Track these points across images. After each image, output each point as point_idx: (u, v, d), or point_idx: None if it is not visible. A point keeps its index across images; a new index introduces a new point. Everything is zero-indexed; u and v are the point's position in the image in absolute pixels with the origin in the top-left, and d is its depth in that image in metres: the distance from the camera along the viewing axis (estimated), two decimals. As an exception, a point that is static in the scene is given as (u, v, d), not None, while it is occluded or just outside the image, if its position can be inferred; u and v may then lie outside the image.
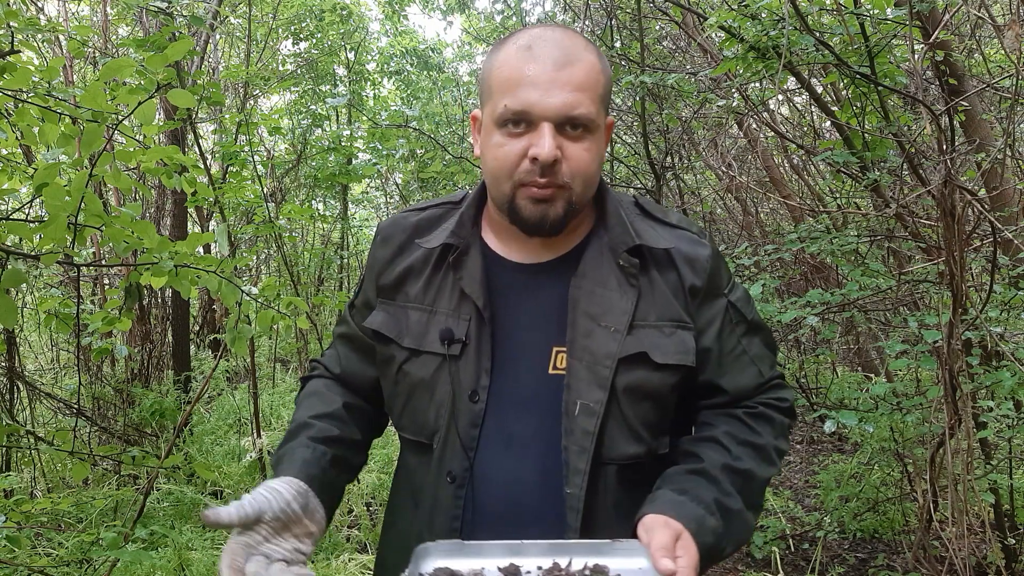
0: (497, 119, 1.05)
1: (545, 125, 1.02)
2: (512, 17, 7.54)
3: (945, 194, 2.22)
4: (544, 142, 1.01)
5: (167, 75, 2.03)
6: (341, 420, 1.22)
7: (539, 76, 1.02)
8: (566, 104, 1.01)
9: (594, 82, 1.04)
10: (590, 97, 1.03)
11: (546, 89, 1.01)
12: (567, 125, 1.03)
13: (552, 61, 1.02)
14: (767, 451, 1.14)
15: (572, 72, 1.02)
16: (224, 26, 7.02)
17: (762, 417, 1.17)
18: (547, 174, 1.03)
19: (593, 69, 1.05)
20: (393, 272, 1.20)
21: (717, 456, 1.10)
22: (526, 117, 1.02)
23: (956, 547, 2.34)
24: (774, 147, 5.09)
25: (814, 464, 4.67)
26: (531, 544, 0.96)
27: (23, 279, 1.93)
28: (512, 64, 1.04)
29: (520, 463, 1.11)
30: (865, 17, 2.77)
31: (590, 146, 1.05)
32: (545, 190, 1.05)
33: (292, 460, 1.11)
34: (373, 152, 5.79)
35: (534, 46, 1.03)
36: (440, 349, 1.13)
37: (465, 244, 1.15)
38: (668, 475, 1.09)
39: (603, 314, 1.10)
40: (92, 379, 4.91)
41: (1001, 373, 2.27)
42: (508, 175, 1.06)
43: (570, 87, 1.02)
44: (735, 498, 1.06)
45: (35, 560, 2.79)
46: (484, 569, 0.94)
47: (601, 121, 1.07)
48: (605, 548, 0.95)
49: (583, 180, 1.06)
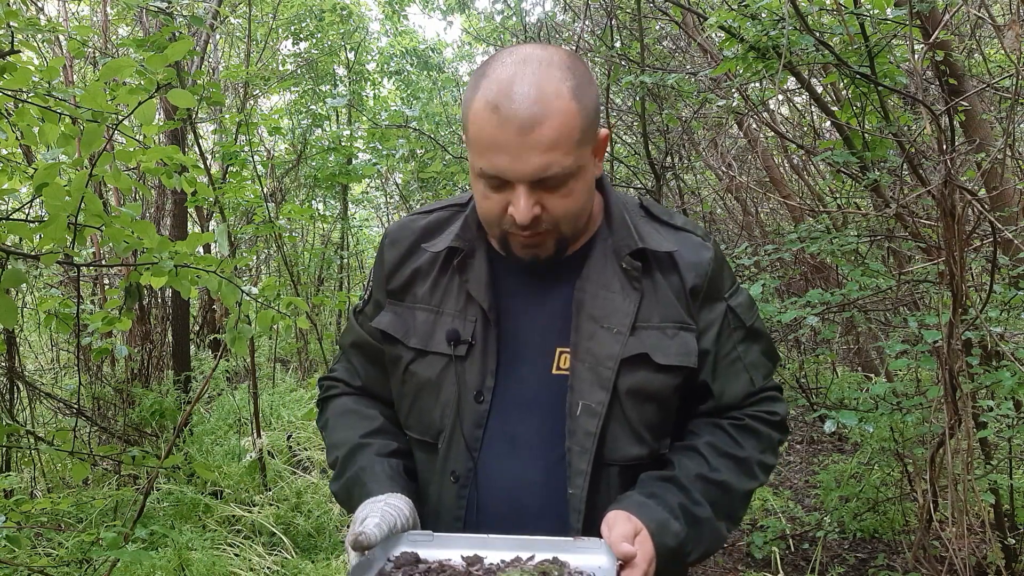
0: (476, 174, 1.06)
1: (520, 187, 1.02)
2: (512, 17, 7.53)
3: (945, 194, 2.22)
4: (520, 205, 1.02)
5: (167, 75, 2.03)
6: (391, 433, 1.22)
7: (508, 142, 0.99)
8: (537, 169, 1.00)
9: (568, 133, 0.99)
10: (563, 151, 1.00)
11: (516, 156, 0.99)
12: (545, 181, 1.02)
13: (518, 126, 0.97)
14: (748, 464, 1.15)
15: (540, 134, 0.98)
16: (224, 26, 7.01)
17: (747, 430, 1.17)
18: (528, 229, 1.05)
19: (566, 119, 0.99)
20: (402, 275, 1.20)
21: (693, 465, 1.11)
22: (501, 180, 1.03)
23: (956, 547, 2.34)
24: (774, 147, 5.08)
25: (814, 464, 4.67)
26: (497, 538, 1.00)
27: (23, 279, 1.93)
28: (482, 125, 1.00)
29: (523, 463, 1.12)
30: (865, 17, 2.77)
31: (571, 189, 1.04)
32: (531, 239, 1.07)
33: (378, 478, 1.11)
34: (373, 152, 5.79)
35: (501, 106, 0.98)
36: (446, 350, 1.14)
37: (470, 247, 1.16)
38: (640, 480, 1.11)
39: (606, 316, 1.11)
40: (92, 379, 4.91)
41: (1001, 373, 2.26)
42: (496, 224, 1.08)
43: (540, 149, 0.99)
44: (703, 507, 1.08)
45: (35, 560, 2.78)
46: (450, 560, 0.98)
47: (584, 159, 1.04)
48: (568, 545, 0.98)
49: (569, 221, 1.07)
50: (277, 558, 3.34)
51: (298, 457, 4.73)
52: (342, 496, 1.16)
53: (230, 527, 3.62)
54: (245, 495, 3.98)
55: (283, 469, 4.29)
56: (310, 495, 3.96)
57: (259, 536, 3.57)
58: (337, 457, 1.20)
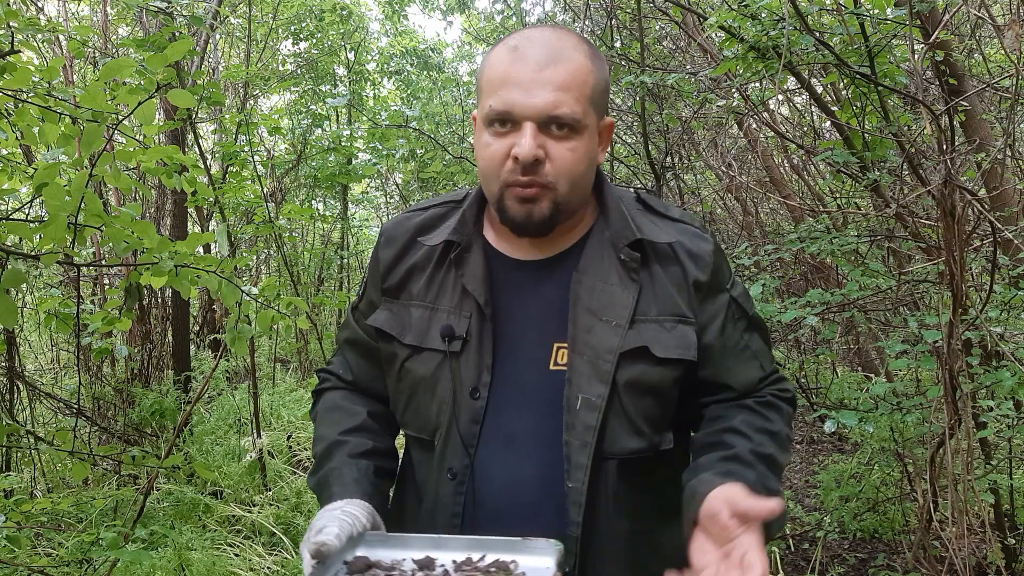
0: (484, 119, 1.06)
1: (527, 125, 1.02)
2: (512, 17, 7.54)
3: (945, 194, 2.22)
4: (524, 141, 1.02)
5: (167, 75, 2.03)
6: (371, 431, 1.21)
7: (522, 76, 1.02)
8: (547, 104, 1.01)
9: (580, 82, 1.04)
10: (574, 96, 1.03)
11: (528, 89, 1.01)
12: (551, 124, 1.03)
13: (535, 61, 1.02)
14: (782, 438, 1.15)
15: (555, 71, 1.02)
16: (224, 26, 7.02)
17: (772, 406, 1.18)
18: (528, 173, 1.03)
19: (581, 69, 1.04)
20: (398, 273, 1.20)
21: (743, 443, 1.09)
22: (509, 117, 1.03)
23: (956, 547, 2.34)
24: (774, 147, 5.08)
25: (814, 464, 4.66)
26: (451, 539, 1.01)
27: (23, 279, 1.93)
28: (499, 65, 1.05)
29: (520, 459, 1.12)
30: (865, 17, 2.77)
31: (576, 146, 1.05)
32: (528, 189, 1.05)
33: (343, 481, 1.11)
34: (373, 152, 5.79)
35: (520, 46, 1.04)
36: (441, 346, 1.13)
37: (467, 241, 1.16)
38: (703, 463, 1.07)
39: (604, 309, 1.10)
40: (92, 379, 4.91)
41: (1001, 373, 2.26)
42: (495, 175, 1.06)
43: (552, 86, 1.01)
44: (772, 479, 1.06)
45: (35, 560, 2.79)
46: (404, 560, 0.99)
47: (590, 121, 1.06)
48: (519, 545, 0.98)
49: (568, 180, 1.06)
50: (277, 558, 3.34)
51: (298, 457, 4.74)
52: (315, 492, 1.17)
53: (230, 527, 3.62)
54: (245, 495, 3.98)
55: (283, 469, 4.29)
56: (310, 495, 3.96)
57: (259, 536, 3.57)
58: (317, 451, 1.21)
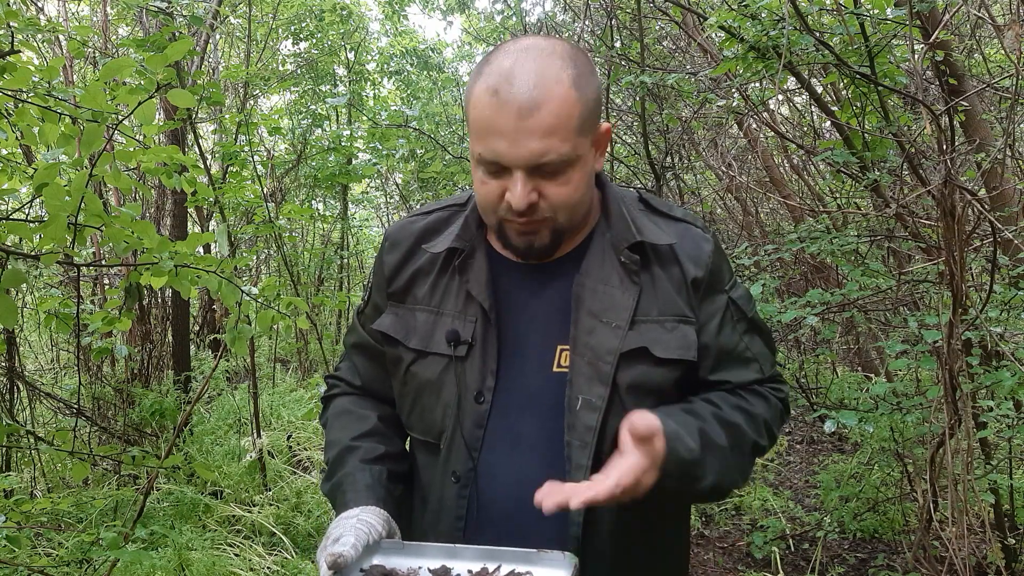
0: (475, 160, 1.06)
1: (517, 172, 1.02)
2: (512, 17, 7.54)
3: (945, 194, 2.22)
4: (516, 191, 1.02)
5: (167, 75, 2.03)
6: (382, 435, 1.22)
7: (506, 126, 0.99)
8: (534, 154, 1.00)
9: (566, 119, 1.00)
10: (561, 137, 1.00)
11: (513, 140, 1.00)
12: (542, 168, 1.02)
13: (517, 110, 0.98)
14: (757, 420, 1.16)
15: (539, 119, 0.99)
16: (224, 26, 7.02)
17: (758, 394, 1.19)
18: (525, 215, 1.05)
19: (565, 105, 1.00)
20: (403, 278, 1.21)
21: (707, 407, 1.12)
22: (498, 165, 1.03)
23: (956, 547, 2.33)
24: (774, 147, 5.08)
25: (814, 464, 4.67)
26: (467, 548, 1.02)
27: (23, 279, 1.93)
28: (481, 109, 1.02)
29: (524, 462, 1.12)
30: (865, 17, 2.77)
31: (569, 178, 1.04)
32: (528, 226, 1.07)
33: (356, 488, 1.12)
34: (373, 152, 5.79)
35: (500, 91, 0.99)
36: (446, 350, 1.14)
37: (470, 247, 1.16)
38: (658, 410, 1.09)
39: (605, 311, 1.11)
40: (92, 379, 4.91)
41: (1001, 373, 2.26)
42: (492, 211, 1.08)
43: (538, 135, 0.99)
44: (721, 437, 1.08)
45: (35, 560, 2.78)
46: (420, 569, 1.00)
47: (582, 149, 1.04)
48: (533, 556, 1.00)
49: (567, 210, 1.07)
50: (277, 558, 3.34)
51: (298, 457, 4.73)
52: (329, 498, 1.18)
53: (230, 527, 3.62)
54: (245, 495, 3.98)
55: (283, 469, 4.29)
56: (310, 495, 3.96)
57: (259, 536, 3.57)
58: (329, 458, 1.21)
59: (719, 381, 1.16)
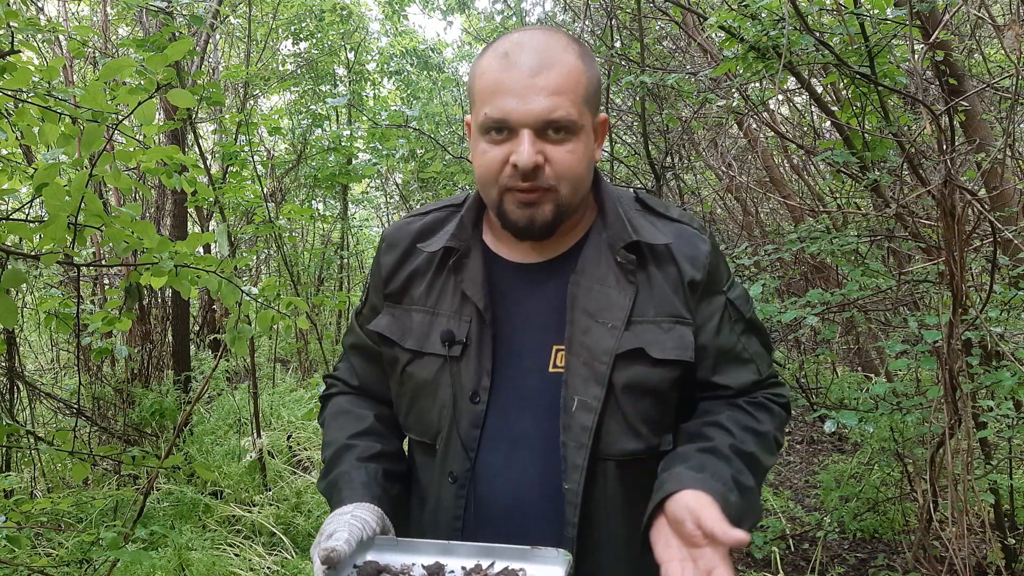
0: (480, 127, 1.06)
1: (524, 132, 1.02)
2: (512, 17, 7.54)
3: (945, 194, 2.22)
4: (523, 149, 1.02)
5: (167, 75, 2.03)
6: (379, 435, 1.22)
7: (516, 83, 1.02)
8: (544, 109, 1.01)
9: (574, 84, 1.03)
10: (569, 99, 1.03)
11: (523, 96, 1.01)
12: (548, 129, 1.03)
13: (528, 67, 1.02)
14: (768, 439, 1.15)
15: (549, 77, 1.02)
16: (224, 26, 7.02)
17: (763, 407, 1.18)
18: (529, 179, 1.04)
19: (573, 71, 1.04)
20: (399, 278, 1.21)
21: (724, 437, 1.10)
22: (506, 124, 1.03)
23: (956, 547, 2.33)
24: (774, 147, 5.08)
25: (814, 464, 4.67)
26: (461, 545, 1.02)
27: (23, 279, 1.93)
28: (491, 72, 1.04)
29: (521, 462, 1.12)
30: (865, 17, 2.77)
31: (574, 147, 1.05)
32: (530, 194, 1.05)
33: (352, 485, 1.12)
34: (373, 152, 5.79)
35: (511, 53, 1.03)
36: (441, 351, 1.14)
37: (466, 247, 1.16)
38: (679, 454, 1.08)
39: (601, 311, 1.11)
40: (92, 379, 4.91)
41: (1001, 373, 2.26)
42: (493, 181, 1.07)
43: (547, 92, 1.01)
44: (748, 476, 1.07)
45: (35, 560, 2.79)
46: (413, 565, 1.00)
47: (586, 121, 1.06)
48: (528, 554, 1.00)
49: (570, 182, 1.06)
50: (277, 558, 3.34)
51: (298, 457, 4.74)
52: (325, 495, 1.18)
53: (230, 527, 3.62)
54: (245, 495, 3.98)
55: (283, 469, 4.29)
56: (310, 495, 3.96)
57: (259, 536, 3.57)
58: (326, 456, 1.22)
59: (718, 382, 1.16)
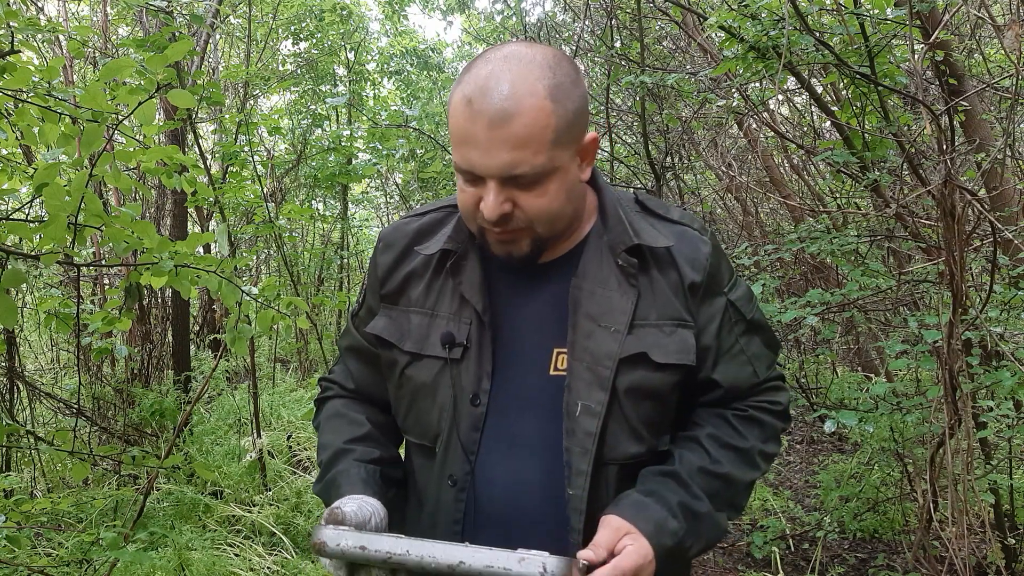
0: (455, 166, 1.06)
1: (491, 182, 1.01)
2: (512, 17, 7.53)
3: (945, 194, 2.22)
4: (488, 200, 1.02)
5: (167, 75, 2.03)
6: (375, 440, 1.22)
7: (478, 136, 0.99)
8: (505, 164, 0.99)
9: (540, 131, 0.98)
10: (533, 150, 0.99)
11: (485, 150, 0.99)
12: (515, 179, 1.02)
13: (488, 120, 0.97)
14: (750, 455, 1.15)
15: (510, 130, 0.97)
16: (224, 26, 7.02)
17: (751, 420, 1.18)
18: (499, 225, 1.04)
19: (539, 117, 0.98)
20: (396, 279, 1.20)
21: (695, 458, 1.11)
22: (473, 175, 1.03)
23: (956, 547, 2.33)
24: (774, 147, 5.08)
25: (814, 464, 4.67)
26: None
27: (23, 279, 1.93)
28: (456, 118, 1.02)
29: (521, 465, 1.12)
30: (865, 17, 2.77)
31: (545, 190, 1.03)
32: (504, 235, 1.06)
33: (351, 481, 1.12)
34: (373, 152, 5.79)
35: (474, 100, 0.98)
36: (441, 353, 1.13)
37: (463, 249, 1.15)
38: (641, 475, 1.11)
39: (603, 314, 1.10)
40: (92, 379, 4.91)
41: (1001, 373, 2.26)
42: (471, 218, 1.08)
43: (508, 146, 0.98)
44: (702, 502, 1.08)
45: (35, 560, 2.79)
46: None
47: (561, 160, 1.02)
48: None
49: (544, 221, 1.06)
50: (277, 558, 3.34)
51: (298, 457, 4.74)
52: (322, 498, 1.17)
53: (230, 527, 3.62)
54: (245, 495, 3.98)
55: (283, 469, 4.29)
56: (310, 495, 3.96)
57: (259, 536, 3.57)
58: (322, 460, 1.21)
59: (717, 383, 1.16)
